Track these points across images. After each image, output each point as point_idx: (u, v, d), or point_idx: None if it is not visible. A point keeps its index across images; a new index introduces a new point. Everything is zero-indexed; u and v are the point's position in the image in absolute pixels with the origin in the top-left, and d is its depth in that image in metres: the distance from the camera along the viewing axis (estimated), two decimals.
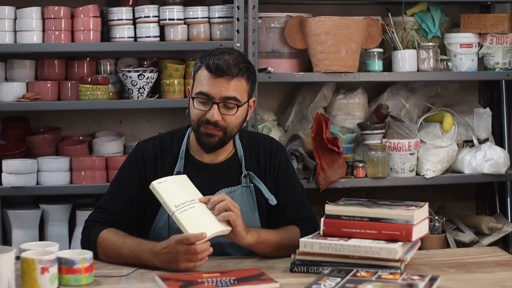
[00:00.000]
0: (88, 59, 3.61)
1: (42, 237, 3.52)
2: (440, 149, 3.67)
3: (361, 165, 3.60)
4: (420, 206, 2.46)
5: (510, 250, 3.80)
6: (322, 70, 3.54)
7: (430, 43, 3.67)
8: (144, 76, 3.49)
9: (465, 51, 3.72)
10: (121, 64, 3.66)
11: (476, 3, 4.01)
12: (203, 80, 2.58)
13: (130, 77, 3.49)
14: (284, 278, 2.33)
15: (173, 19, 3.55)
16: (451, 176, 3.73)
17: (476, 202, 4.14)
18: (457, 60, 3.73)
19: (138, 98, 3.53)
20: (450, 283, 2.30)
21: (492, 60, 3.75)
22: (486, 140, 3.73)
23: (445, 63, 3.71)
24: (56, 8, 3.45)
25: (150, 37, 3.52)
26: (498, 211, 3.97)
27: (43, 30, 3.46)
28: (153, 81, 3.54)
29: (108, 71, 3.64)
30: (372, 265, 2.32)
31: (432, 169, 3.65)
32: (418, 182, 3.67)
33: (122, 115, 3.83)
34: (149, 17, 3.53)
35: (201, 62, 2.61)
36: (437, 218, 3.67)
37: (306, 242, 2.39)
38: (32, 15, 3.43)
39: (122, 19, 3.51)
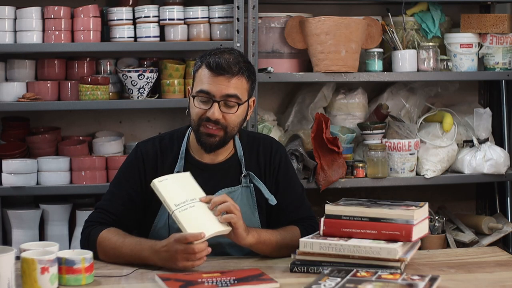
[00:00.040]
0: (88, 59, 3.61)
1: (42, 237, 3.52)
2: (440, 149, 3.67)
3: (361, 165, 3.60)
4: (420, 206, 2.46)
5: (510, 250, 3.80)
6: (322, 70, 3.54)
7: (430, 43, 3.67)
8: (144, 76, 3.49)
9: (465, 51, 3.72)
10: (121, 64, 3.66)
11: (476, 3, 4.00)
12: (204, 78, 2.58)
13: (130, 77, 3.49)
14: (284, 278, 2.33)
15: (173, 19, 3.55)
16: (451, 176, 3.73)
17: (476, 202, 4.14)
18: (457, 60, 3.73)
19: (138, 98, 3.53)
20: (450, 283, 2.29)
21: (492, 60, 3.75)
22: (486, 140, 3.73)
23: (445, 63, 3.71)
24: (56, 8, 3.44)
25: (150, 37, 3.52)
26: (498, 211, 3.97)
27: (43, 30, 3.45)
28: (153, 81, 3.54)
29: (108, 71, 3.64)
30: (372, 265, 2.32)
31: (432, 169, 3.65)
32: (418, 182, 3.67)
33: (122, 115, 3.83)
34: (149, 17, 3.53)
35: (201, 62, 2.61)
36: (437, 218, 3.66)
37: (306, 242, 2.38)
38: (32, 15, 3.43)
39: (122, 19, 3.51)
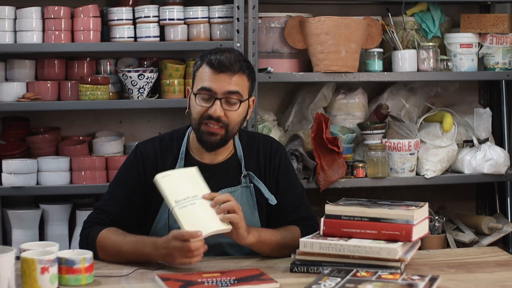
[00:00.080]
0: (88, 59, 3.61)
1: (42, 237, 3.52)
2: (440, 149, 3.67)
3: (361, 165, 3.60)
4: (420, 206, 2.46)
5: (510, 250, 3.80)
6: (322, 70, 3.54)
7: (430, 43, 3.67)
8: (144, 76, 3.49)
9: (465, 51, 3.72)
10: (121, 64, 3.66)
11: (476, 3, 4.00)
12: (205, 76, 2.58)
13: (130, 77, 3.49)
14: (284, 278, 2.33)
15: (173, 19, 3.54)
16: (451, 176, 3.73)
17: (476, 202, 4.14)
18: (457, 60, 3.73)
19: (138, 98, 3.53)
20: (450, 283, 2.29)
21: (492, 60, 3.75)
22: (486, 140, 3.73)
23: (445, 63, 3.71)
24: (56, 8, 3.44)
25: (150, 37, 3.52)
26: (498, 211, 3.97)
27: (43, 30, 3.45)
28: (153, 81, 3.54)
29: (108, 71, 3.64)
30: (372, 265, 2.32)
31: (432, 169, 3.65)
32: (418, 182, 3.67)
33: (122, 115, 3.83)
34: (149, 17, 3.53)
35: (201, 60, 2.62)
36: (437, 218, 3.66)
37: (306, 242, 2.38)
38: (32, 15, 3.43)
39: (122, 19, 3.51)
